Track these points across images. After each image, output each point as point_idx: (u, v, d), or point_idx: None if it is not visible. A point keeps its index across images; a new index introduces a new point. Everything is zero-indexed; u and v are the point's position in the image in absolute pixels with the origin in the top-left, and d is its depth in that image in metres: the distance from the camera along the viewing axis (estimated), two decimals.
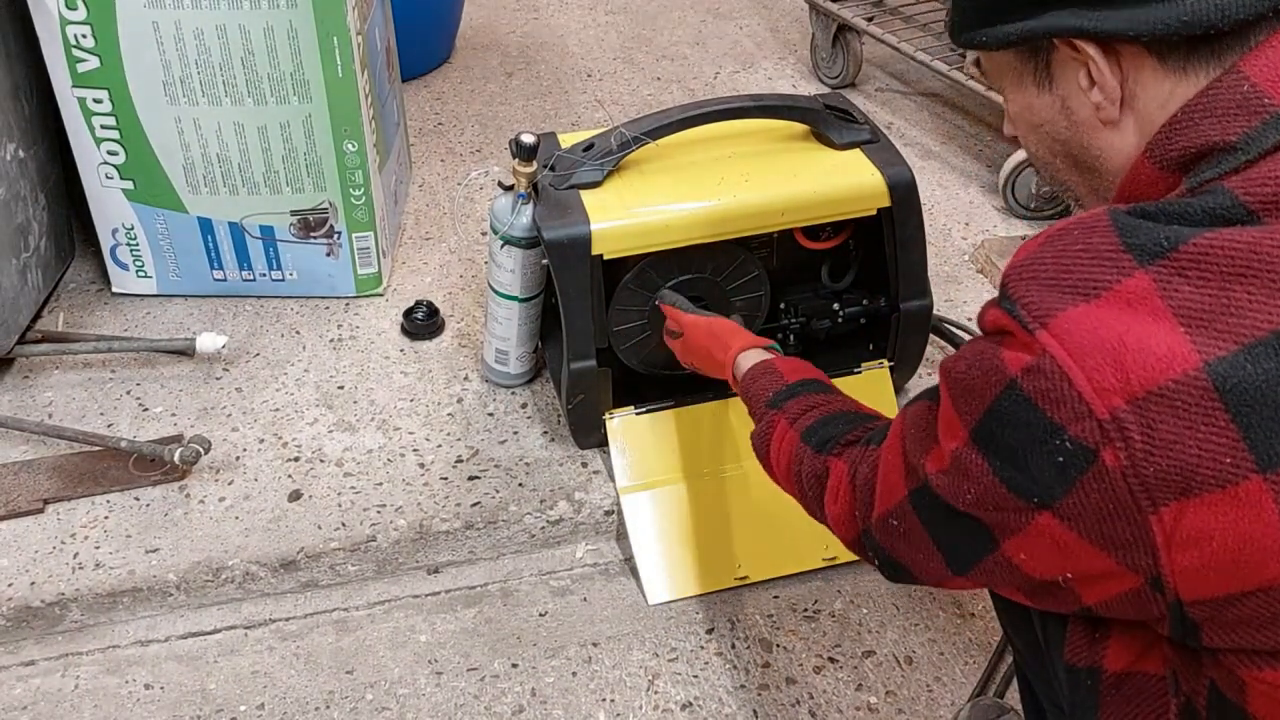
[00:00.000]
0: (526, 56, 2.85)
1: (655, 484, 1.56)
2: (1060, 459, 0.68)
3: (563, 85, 2.71)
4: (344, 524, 1.52)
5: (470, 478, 1.60)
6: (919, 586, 1.53)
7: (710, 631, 1.48)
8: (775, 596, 1.53)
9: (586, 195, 1.49)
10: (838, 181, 1.53)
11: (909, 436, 0.84)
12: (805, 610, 1.51)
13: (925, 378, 1.77)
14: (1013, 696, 1.37)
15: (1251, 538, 0.65)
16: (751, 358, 1.25)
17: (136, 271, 1.90)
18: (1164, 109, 0.75)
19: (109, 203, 1.82)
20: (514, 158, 1.50)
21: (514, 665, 1.43)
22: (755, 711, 1.38)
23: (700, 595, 1.52)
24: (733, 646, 1.46)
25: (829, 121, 1.57)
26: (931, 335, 1.72)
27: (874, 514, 0.90)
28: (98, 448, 1.61)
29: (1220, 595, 0.68)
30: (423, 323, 1.86)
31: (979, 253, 2.11)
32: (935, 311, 1.71)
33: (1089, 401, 0.66)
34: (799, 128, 1.60)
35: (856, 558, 1.55)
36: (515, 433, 1.67)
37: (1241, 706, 0.74)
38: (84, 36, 1.65)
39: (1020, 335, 0.70)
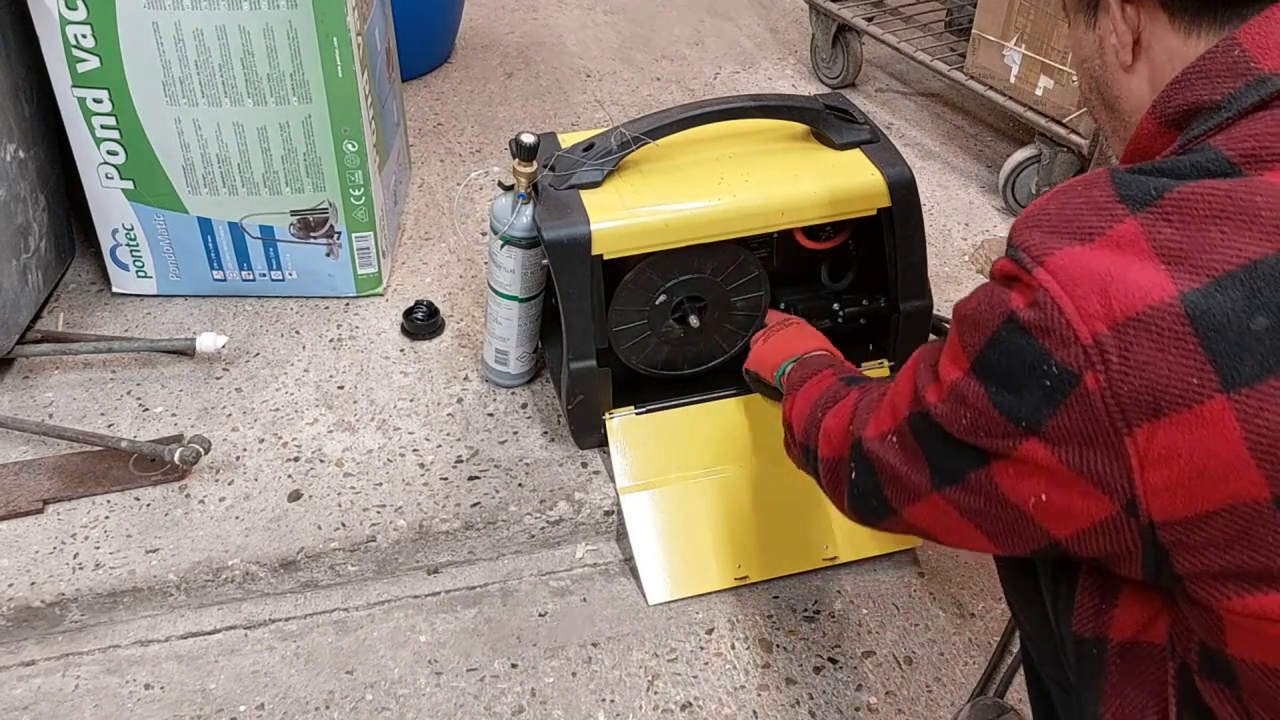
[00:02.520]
0: (526, 56, 2.85)
1: (655, 484, 1.56)
2: (1048, 383, 0.74)
3: (562, 85, 2.71)
4: (344, 524, 1.53)
5: (470, 478, 1.60)
6: (917, 583, 1.53)
7: (710, 631, 1.48)
8: (775, 596, 1.53)
9: (586, 195, 1.49)
10: (838, 181, 1.53)
11: (921, 369, 0.90)
12: (805, 610, 1.51)
13: None
14: (1012, 696, 1.37)
15: (1215, 454, 0.70)
16: (820, 353, 1.40)
17: (136, 272, 1.90)
18: (1171, 66, 0.83)
19: (109, 203, 1.82)
20: (514, 158, 1.50)
21: (514, 665, 1.43)
22: (755, 711, 1.38)
23: (700, 595, 1.52)
24: (733, 646, 1.46)
25: (829, 121, 1.57)
26: (931, 335, 1.72)
27: (871, 430, 0.96)
28: (98, 448, 1.61)
29: (1188, 515, 0.73)
30: (423, 323, 1.86)
31: (979, 253, 2.11)
32: (935, 311, 1.71)
33: (1075, 328, 0.72)
34: (799, 128, 1.60)
35: (856, 558, 1.56)
36: (515, 433, 1.67)
37: (1222, 651, 0.78)
38: (84, 36, 1.65)
39: (1022, 276, 0.76)
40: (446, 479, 1.60)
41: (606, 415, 1.57)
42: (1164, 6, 0.83)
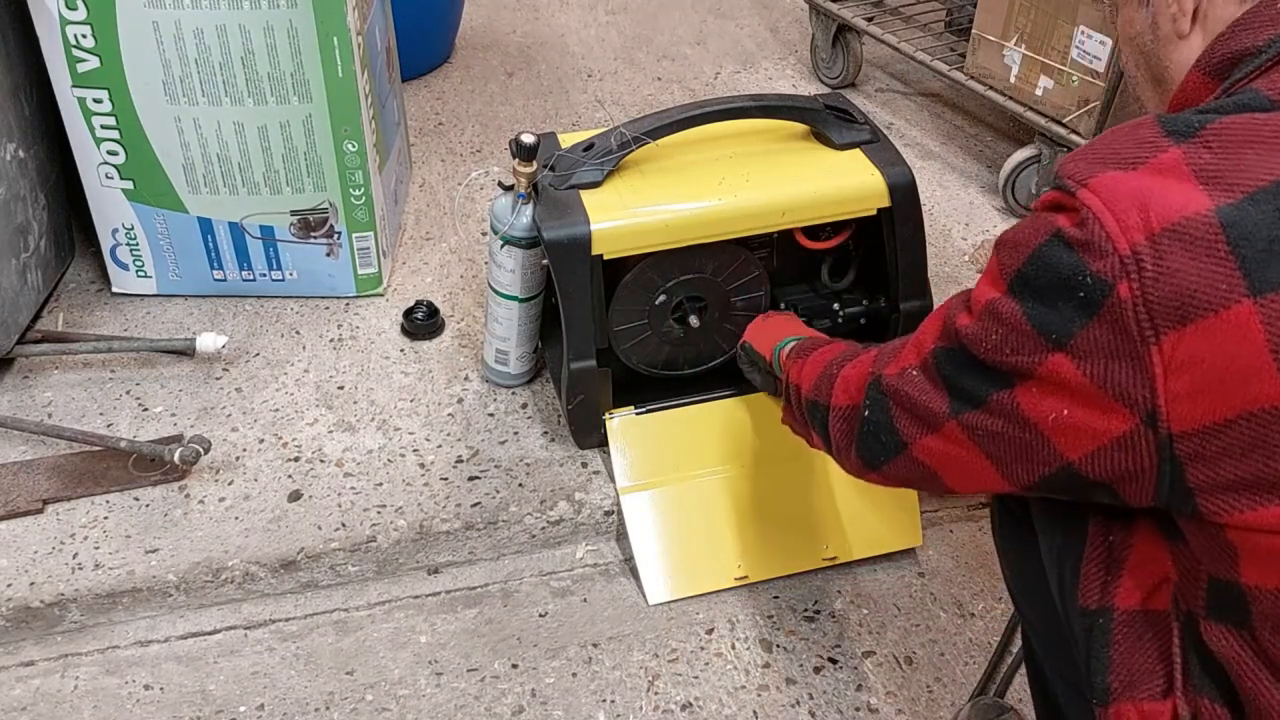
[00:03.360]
0: (527, 56, 2.85)
1: (655, 484, 1.56)
2: (1082, 294, 0.77)
3: (563, 85, 2.71)
4: (344, 524, 1.52)
5: (470, 478, 1.60)
6: (917, 583, 1.53)
7: (710, 631, 1.48)
8: (775, 596, 1.53)
9: (586, 195, 1.49)
10: (838, 181, 1.53)
11: (951, 306, 0.93)
12: (805, 610, 1.51)
13: None
14: (1012, 696, 1.37)
15: (1238, 356, 0.73)
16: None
17: (136, 271, 1.90)
18: (1226, 26, 0.87)
19: (109, 203, 1.82)
20: (514, 158, 1.50)
21: (514, 666, 1.43)
22: (755, 712, 1.38)
23: (700, 595, 1.52)
24: (733, 646, 1.46)
25: (829, 121, 1.57)
26: None
27: (893, 368, 0.99)
28: (98, 448, 1.61)
29: (1208, 424, 0.76)
30: (423, 323, 1.86)
31: (979, 253, 2.11)
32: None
33: (1114, 239, 0.75)
34: (799, 128, 1.60)
35: (856, 558, 1.56)
36: (515, 433, 1.67)
37: (1235, 580, 0.80)
38: (84, 36, 1.65)
39: (1066, 201, 0.79)
40: (447, 479, 1.59)
41: (606, 415, 1.57)
42: None
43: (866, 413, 1.01)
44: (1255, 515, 0.76)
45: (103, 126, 1.74)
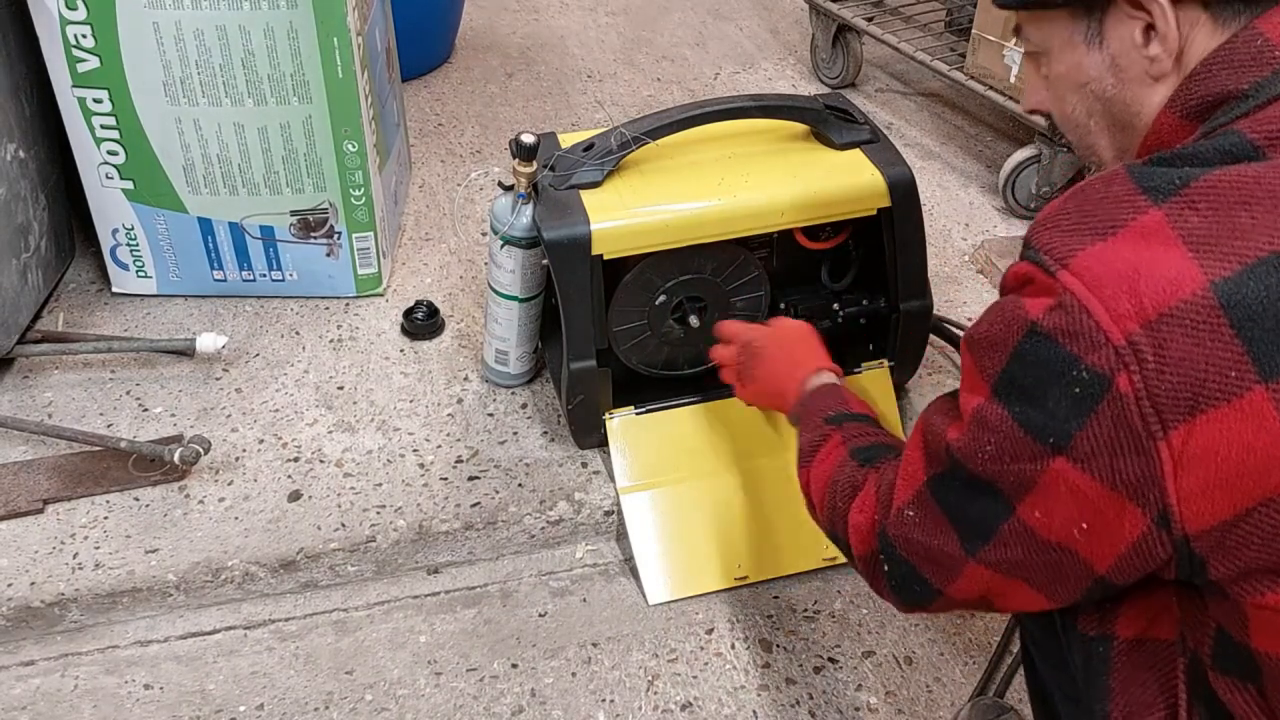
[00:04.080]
0: (527, 57, 2.85)
1: (655, 484, 1.56)
2: (1076, 390, 0.71)
3: (563, 86, 2.71)
4: (344, 524, 1.52)
5: (470, 478, 1.60)
6: None
7: (710, 631, 1.48)
8: (775, 596, 1.52)
9: (586, 195, 1.49)
10: (838, 181, 1.53)
11: (930, 425, 0.86)
12: (805, 610, 1.51)
13: (925, 378, 1.77)
14: (1012, 696, 1.37)
15: (1255, 447, 0.69)
16: (825, 378, 1.27)
17: (136, 271, 1.90)
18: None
19: (109, 203, 1.82)
20: (514, 158, 1.50)
21: (513, 666, 1.43)
22: (755, 712, 1.38)
23: (700, 595, 1.52)
24: (733, 646, 1.46)
25: (829, 121, 1.57)
26: (931, 335, 1.72)
27: (892, 510, 0.91)
28: (98, 448, 1.61)
29: (1225, 519, 0.71)
30: (423, 323, 1.86)
31: (979, 253, 2.11)
32: (935, 311, 1.71)
33: (1106, 330, 0.69)
34: (799, 128, 1.60)
35: None
36: (515, 433, 1.67)
37: (1245, 643, 0.76)
38: (84, 36, 1.65)
39: (1042, 279, 0.73)
40: (446, 479, 1.59)
41: (606, 415, 1.57)
42: (1208, 7, 0.79)
43: (887, 567, 0.94)
44: (1276, 598, 0.73)
45: (103, 126, 1.74)
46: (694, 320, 1.56)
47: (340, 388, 1.76)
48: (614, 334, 1.55)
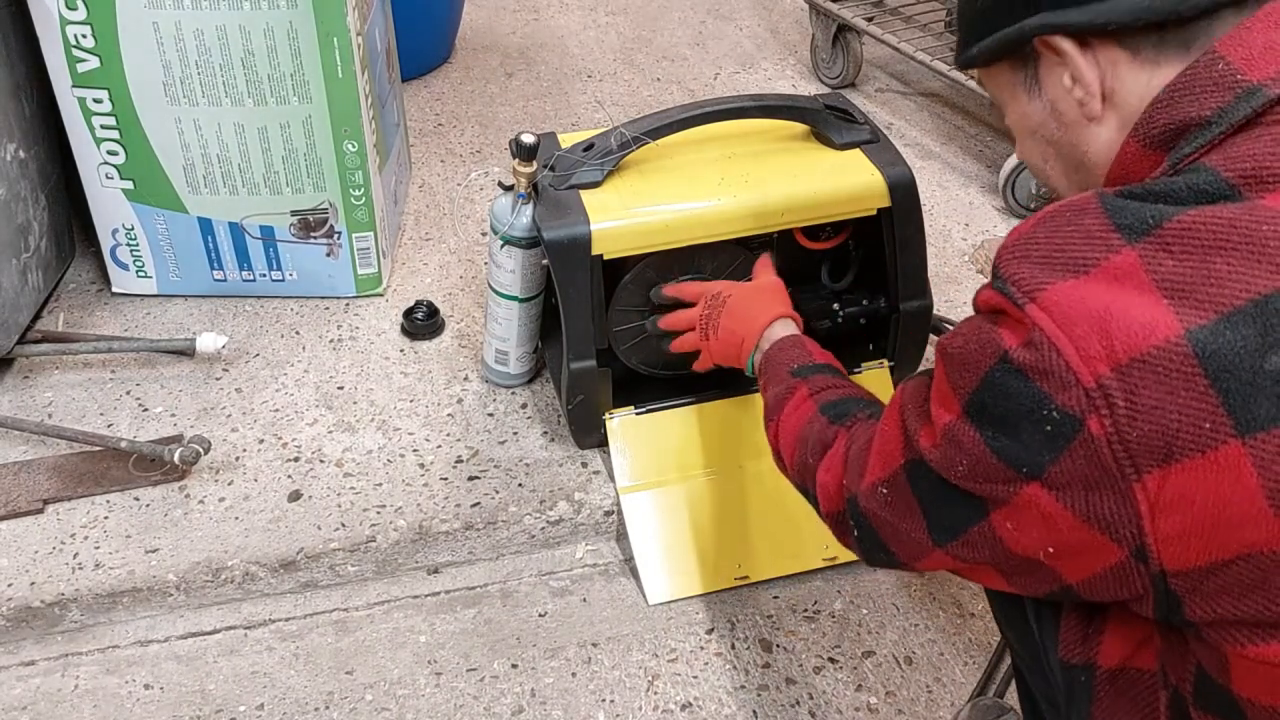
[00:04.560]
0: (526, 57, 2.85)
1: (655, 484, 1.56)
2: (1048, 428, 0.70)
3: (563, 86, 2.71)
4: (344, 524, 1.52)
5: (470, 478, 1.60)
6: (917, 583, 1.53)
7: (710, 631, 1.48)
8: (775, 596, 1.53)
9: (586, 195, 1.49)
10: (838, 181, 1.53)
11: (907, 410, 0.86)
12: (805, 610, 1.51)
13: None
14: (1013, 696, 1.37)
15: (1230, 501, 0.67)
16: (786, 327, 1.27)
17: (136, 272, 1.90)
18: (1142, 100, 0.79)
19: (109, 203, 1.82)
20: (514, 158, 1.50)
21: (513, 666, 1.43)
22: (755, 712, 1.38)
23: (700, 595, 1.52)
24: (733, 646, 1.46)
25: (829, 121, 1.57)
26: (931, 335, 1.72)
27: (864, 482, 0.91)
28: (98, 448, 1.61)
29: (1203, 564, 0.70)
30: (423, 323, 1.86)
31: (979, 253, 2.11)
32: (935, 311, 1.71)
33: (1076, 371, 0.68)
34: (799, 128, 1.60)
35: (857, 558, 1.55)
36: (515, 433, 1.67)
37: (1226, 687, 0.75)
38: (84, 36, 1.65)
39: (1012, 312, 0.72)
40: (446, 479, 1.59)
41: (606, 415, 1.57)
42: (1124, 46, 0.78)
43: (855, 531, 0.94)
44: (1257, 650, 0.71)
45: (103, 127, 1.74)
46: None
47: (340, 388, 1.76)
48: (614, 334, 1.55)
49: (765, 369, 1.21)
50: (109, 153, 1.77)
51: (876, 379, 1.64)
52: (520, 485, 1.58)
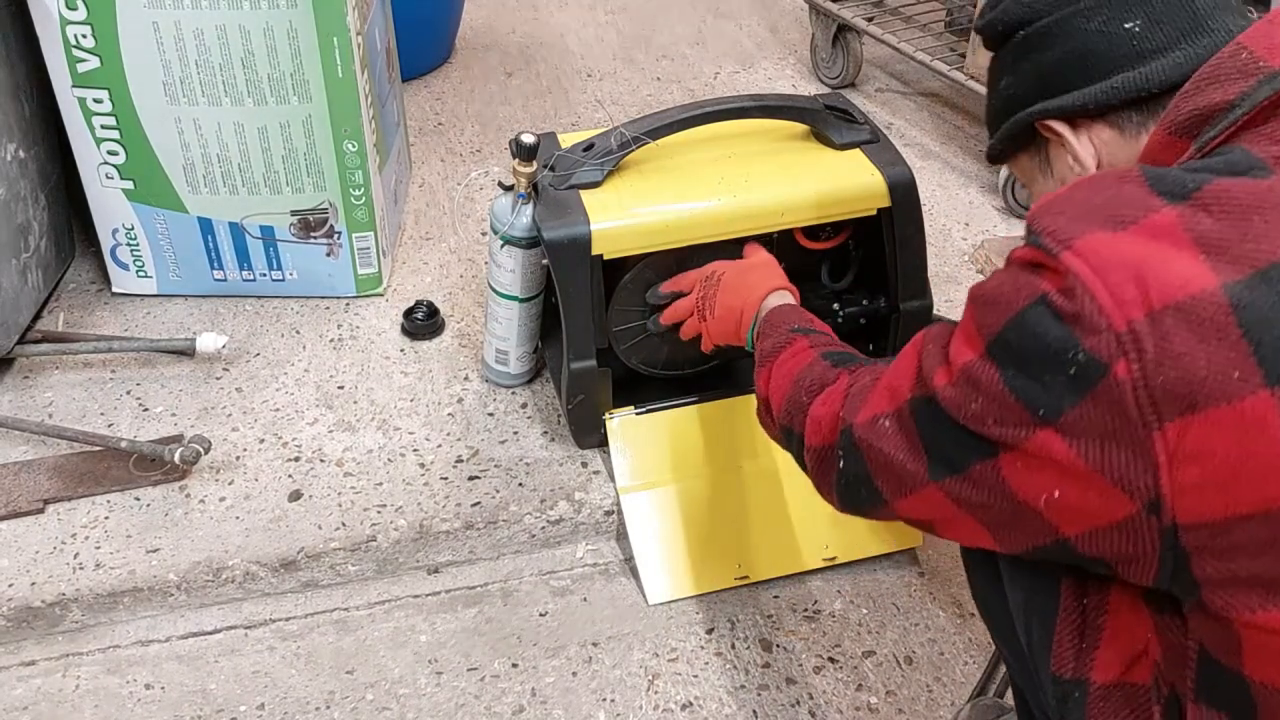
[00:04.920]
0: (526, 56, 2.85)
1: (655, 484, 1.56)
2: (1072, 371, 0.70)
3: (563, 85, 2.71)
4: (344, 524, 1.53)
5: (470, 478, 1.60)
6: (917, 583, 1.53)
7: (710, 631, 1.48)
8: (775, 596, 1.53)
9: (586, 195, 1.49)
10: (838, 181, 1.53)
11: (927, 350, 0.85)
12: (805, 610, 1.51)
13: None
14: (1012, 697, 1.37)
15: (1254, 454, 0.67)
16: (784, 299, 1.29)
17: (136, 271, 1.90)
18: (1129, 160, 0.87)
19: (109, 203, 1.82)
20: (514, 158, 1.50)
21: (514, 665, 1.43)
22: (755, 711, 1.38)
23: (700, 595, 1.52)
24: (733, 646, 1.46)
25: (829, 121, 1.57)
26: None
27: (864, 413, 0.91)
28: (98, 448, 1.61)
29: (1219, 518, 0.69)
30: (423, 323, 1.86)
31: (979, 253, 2.11)
32: (935, 311, 1.71)
33: (1108, 314, 0.68)
34: (799, 128, 1.60)
35: (856, 558, 1.56)
36: (515, 433, 1.67)
37: (1236, 671, 0.74)
38: (84, 36, 1.65)
39: (1047, 262, 0.73)
40: (447, 479, 1.60)
41: (606, 415, 1.57)
42: (1109, 124, 0.88)
43: (842, 463, 0.93)
44: (1266, 616, 0.71)
45: (103, 126, 1.74)
46: None
47: (340, 387, 1.76)
48: (614, 334, 1.55)
49: (763, 330, 1.21)
50: (109, 153, 1.77)
51: None
52: (520, 485, 1.58)
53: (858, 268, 1.64)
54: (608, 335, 1.54)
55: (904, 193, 1.53)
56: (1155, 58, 0.84)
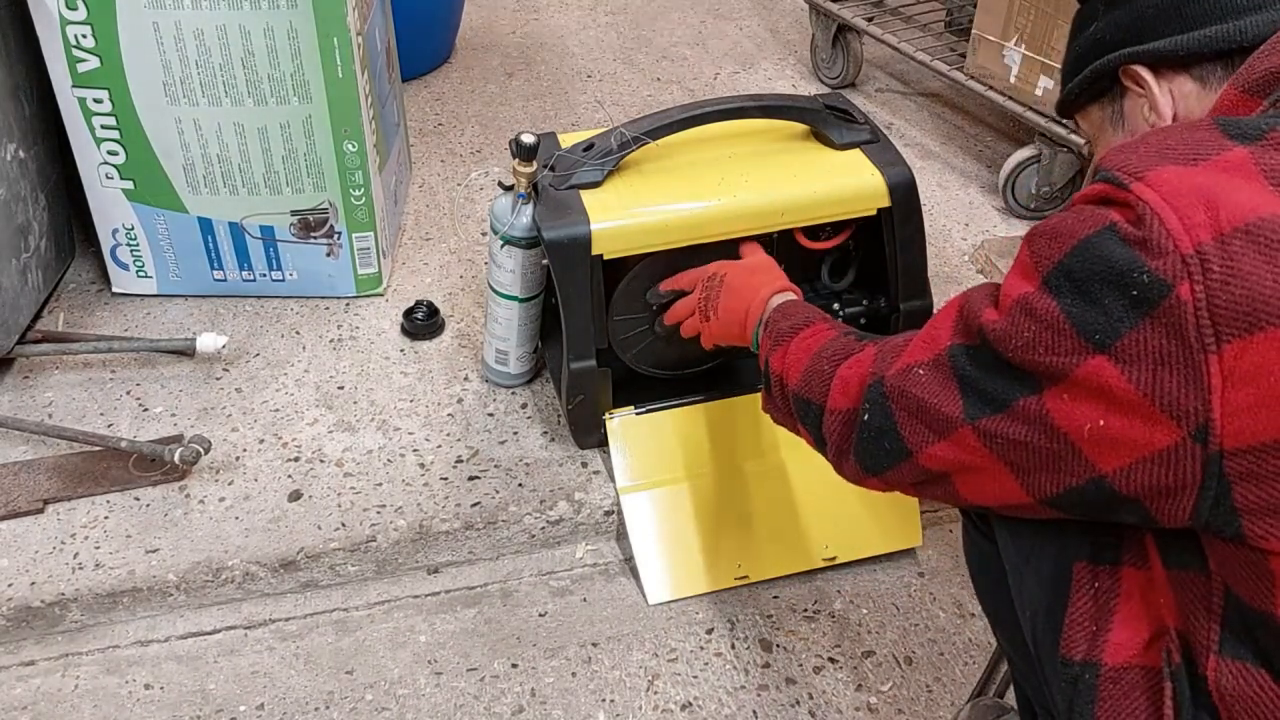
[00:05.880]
0: (526, 57, 2.85)
1: (655, 484, 1.56)
2: (1134, 293, 0.71)
3: (563, 85, 2.71)
4: (344, 524, 1.52)
5: (470, 478, 1.60)
6: (917, 583, 1.53)
7: (710, 631, 1.48)
8: (775, 596, 1.53)
9: (586, 195, 1.49)
10: (838, 181, 1.53)
11: (971, 300, 0.87)
12: (805, 610, 1.51)
13: None
14: (1012, 697, 1.37)
15: None
16: (789, 297, 1.28)
17: (136, 271, 1.90)
18: (1202, 111, 0.88)
19: (109, 203, 1.82)
20: (514, 158, 1.50)
21: (514, 665, 1.43)
22: (755, 712, 1.38)
23: (700, 595, 1.52)
24: (733, 646, 1.46)
25: (829, 121, 1.57)
26: None
27: (898, 364, 0.92)
28: (98, 448, 1.61)
29: (1268, 440, 0.70)
30: (423, 323, 1.86)
31: (979, 253, 2.11)
32: (935, 311, 1.71)
33: (1176, 238, 0.70)
34: (799, 128, 1.60)
35: (856, 558, 1.56)
36: (515, 433, 1.67)
37: (1267, 611, 0.75)
38: (84, 36, 1.65)
39: (1117, 194, 0.74)
40: (446, 479, 1.59)
41: (606, 415, 1.57)
42: (1193, 76, 0.88)
43: (866, 416, 0.94)
44: None
45: (103, 127, 1.74)
46: None
47: (340, 387, 1.76)
48: (614, 334, 1.55)
49: (774, 321, 1.20)
50: (109, 153, 1.77)
51: None
52: (520, 485, 1.58)
53: (858, 268, 1.64)
54: (608, 335, 1.54)
55: (904, 193, 1.53)
56: (1250, 14, 0.85)
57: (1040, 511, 0.86)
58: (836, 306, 1.63)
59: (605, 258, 1.47)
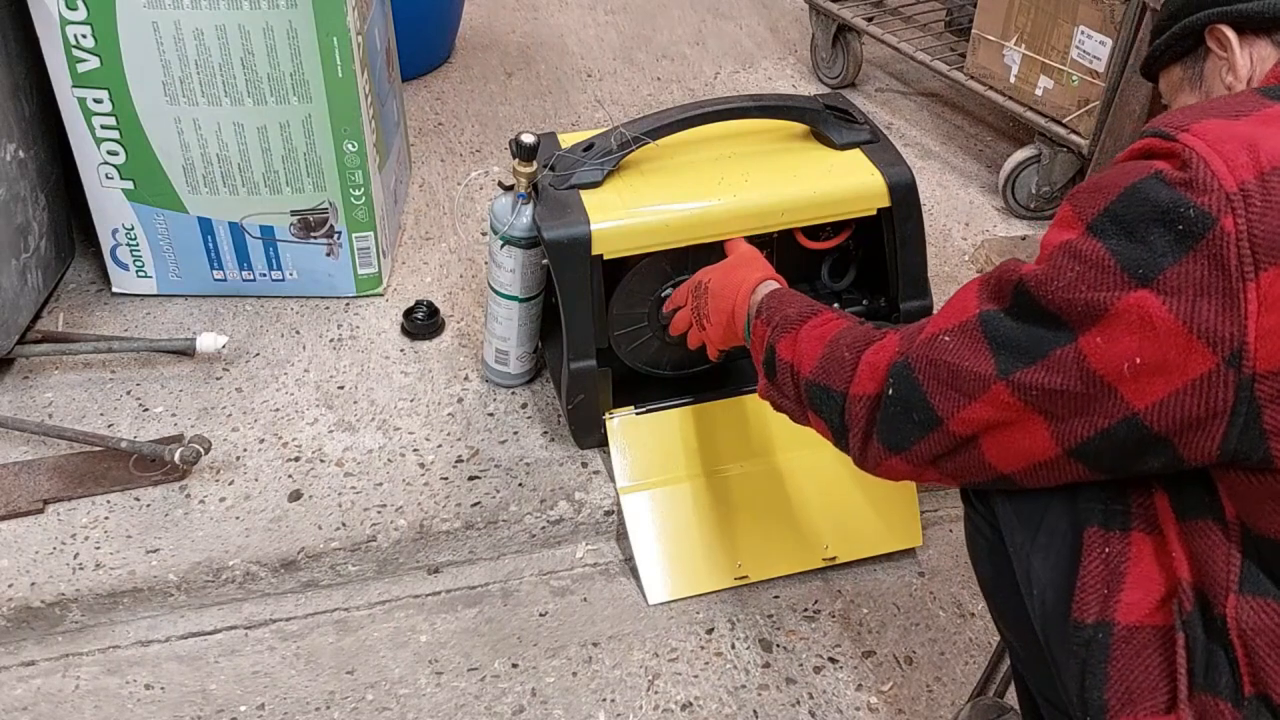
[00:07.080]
0: (526, 56, 2.85)
1: (655, 484, 1.56)
2: (1180, 227, 0.76)
3: (563, 85, 2.71)
4: (344, 524, 1.53)
5: (470, 478, 1.60)
6: (917, 583, 1.53)
7: (710, 631, 1.48)
8: (775, 596, 1.53)
9: (586, 195, 1.49)
10: (838, 181, 1.53)
11: (998, 270, 0.90)
12: (805, 610, 1.51)
13: None
14: (1012, 696, 1.37)
15: None
16: (772, 286, 1.27)
17: (136, 271, 1.90)
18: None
19: (109, 203, 1.82)
20: (514, 158, 1.50)
21: (514, 665, 1.43)
22: (755, 711, 1.38)
23: (700, 595, 1.52)
24: (733, 646, 1.46)
25: (829, 121, 1.57)
26: None
27: (924, 335, 0.94)
28: (98, 448, 1.61)
29: None
30: (423, 323, 1.86)
31: (979, 253, 2.11)
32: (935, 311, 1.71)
33: (1221, 178, 0.75)
34: (799, 128, 1.60)
35: (856, 558, 1.56)
36: (515, 433, 1.67)
37: None
38: (84, 36, 1.65)
39: (1162, 146, 0.79)
40: (447, 479, 1.60)
41: (606, 415, 1.57)
42: (1275, 43, 0.91)
43: (891, 392, 0.95)
44: None
45: (103, 127, 1.74)
46: None
47: (341, 387, 1.76)
48: (614, 334, 1.55)
49: (770, 306, 1.19)
50: (109, 153, 1.77)
51: None
52: (520, 485, 1.58)
53: (858, 268, 1.65)
54: (608, 335, 1.54)
55: (904, 193, 1.53)
56: None
57: (1062, 470, 0.88)
58: (836, 306, 1.62)
59: (605, 257, 1.47)
